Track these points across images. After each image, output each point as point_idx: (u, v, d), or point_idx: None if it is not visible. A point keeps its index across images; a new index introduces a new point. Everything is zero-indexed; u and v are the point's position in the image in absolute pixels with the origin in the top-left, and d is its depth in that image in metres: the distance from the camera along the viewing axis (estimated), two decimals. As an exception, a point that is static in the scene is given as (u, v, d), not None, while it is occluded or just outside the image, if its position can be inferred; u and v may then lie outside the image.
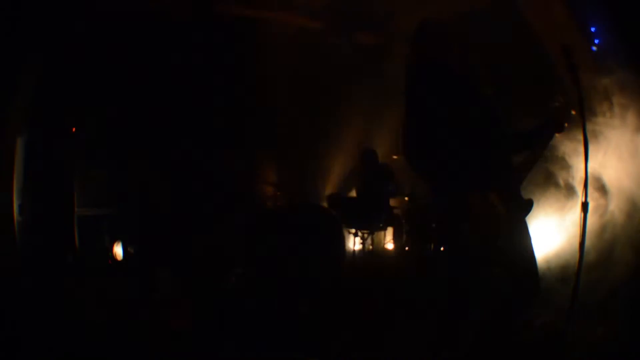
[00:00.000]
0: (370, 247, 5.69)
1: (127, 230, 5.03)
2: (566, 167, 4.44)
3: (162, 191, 4.20)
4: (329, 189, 6.76)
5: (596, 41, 4.62)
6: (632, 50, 3.93)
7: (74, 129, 5.11)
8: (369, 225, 5.28)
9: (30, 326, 3.03)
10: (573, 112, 2.63)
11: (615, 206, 4.18)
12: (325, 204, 5.81)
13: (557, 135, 2.70)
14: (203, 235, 3.59)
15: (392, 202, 6.28)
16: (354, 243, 5.37)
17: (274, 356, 2.69)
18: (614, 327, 3.10)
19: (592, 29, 4.64)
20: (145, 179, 4.41)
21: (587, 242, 2.51)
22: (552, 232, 4.74)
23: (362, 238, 5.30)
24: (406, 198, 5.56)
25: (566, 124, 2.61)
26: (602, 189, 4.25)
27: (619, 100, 4.13)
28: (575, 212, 4.47)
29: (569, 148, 4.29)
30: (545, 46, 4.86)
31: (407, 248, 5.21)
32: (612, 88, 4.15)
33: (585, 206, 2.51)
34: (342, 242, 5.26)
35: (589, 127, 2.62)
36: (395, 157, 5.69)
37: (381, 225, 5.58)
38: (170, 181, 3.37)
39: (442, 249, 4.25)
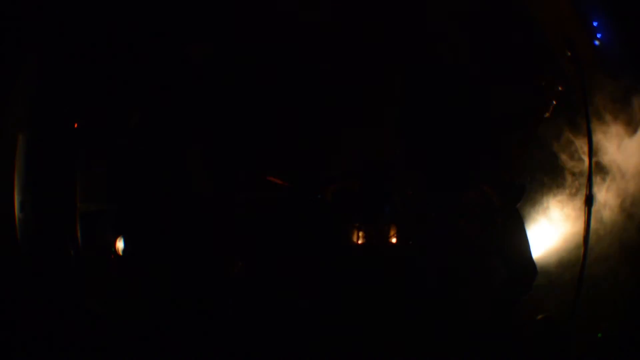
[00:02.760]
0: (373, 241, 5.67)
1: (130, 225, 5.02)
2: (565, 158, 4.42)
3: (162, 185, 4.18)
4: (332, 184, 6.73)
5: (598, 35, 4.59)
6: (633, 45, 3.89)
7: (75, 125, 5.10)
8: (372, 220, 5.26)
9: (32, 323, 3.03)
10: (560, 88, 2.61)
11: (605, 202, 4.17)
12: (328, 199, 5.79)
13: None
14: (202, 228, 3.59)
15: (395, 196, 6.26)
16: (356, 237, 5.35)
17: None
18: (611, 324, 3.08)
19: (595, 24, 4.61)
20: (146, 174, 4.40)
21: (578, 237, 2.48)
22: (548, 225, 4.73)
23: (365, 232, 5.28)
24: (409, 192, 5.53)
25: (554, 102, 2.59)
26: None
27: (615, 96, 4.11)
28: (571, 205, 4.47)
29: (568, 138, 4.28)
30: (547, 38, 4.83)
31: (410, 242, 5.19)
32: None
33: (589, 199, 2.49)
34: (344, 236, 5.25)
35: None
36: (398, 152, 5.66)
37: (384, 219, 5.56)
38: (170, 176, 3.37)
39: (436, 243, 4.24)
